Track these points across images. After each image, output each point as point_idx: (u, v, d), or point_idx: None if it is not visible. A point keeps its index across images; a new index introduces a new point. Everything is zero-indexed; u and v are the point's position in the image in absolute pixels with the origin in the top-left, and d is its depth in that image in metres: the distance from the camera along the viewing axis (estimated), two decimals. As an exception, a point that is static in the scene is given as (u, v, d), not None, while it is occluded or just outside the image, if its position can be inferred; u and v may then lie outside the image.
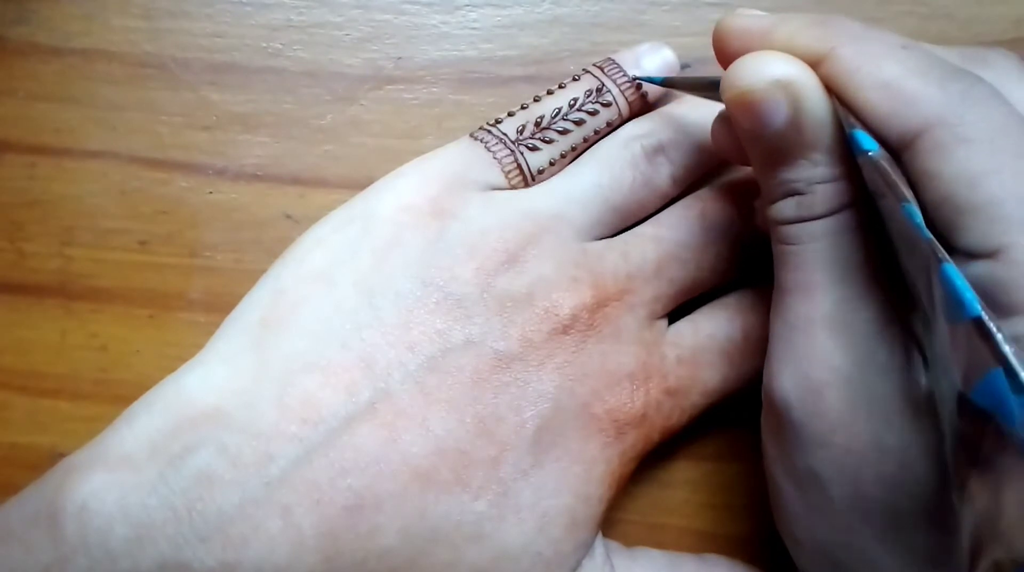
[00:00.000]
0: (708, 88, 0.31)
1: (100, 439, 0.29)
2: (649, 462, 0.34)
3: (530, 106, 0.34)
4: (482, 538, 0.29)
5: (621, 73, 0.34)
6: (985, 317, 0.20)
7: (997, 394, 0.19)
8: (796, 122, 0.26)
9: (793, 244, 0.28)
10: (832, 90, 0.26)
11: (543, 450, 0.30)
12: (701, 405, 0.33)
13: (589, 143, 0.34)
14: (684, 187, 0.34)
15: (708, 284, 0.34)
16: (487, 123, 0.34)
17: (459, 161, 0.32)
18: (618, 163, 0.33)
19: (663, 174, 0.33)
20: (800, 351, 0.28)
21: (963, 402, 0.21)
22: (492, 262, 0.30)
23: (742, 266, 0.34)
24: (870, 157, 0.24)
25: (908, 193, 0.24)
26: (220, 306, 0.35)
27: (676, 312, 0.34)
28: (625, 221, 0.33)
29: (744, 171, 0.35)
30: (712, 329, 0.33)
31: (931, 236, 0.22)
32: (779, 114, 0.26)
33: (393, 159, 0.33)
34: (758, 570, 0.33)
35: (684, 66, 0.36)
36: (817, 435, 0.28)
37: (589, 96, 0.34)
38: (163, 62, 0.36)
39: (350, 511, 0.27)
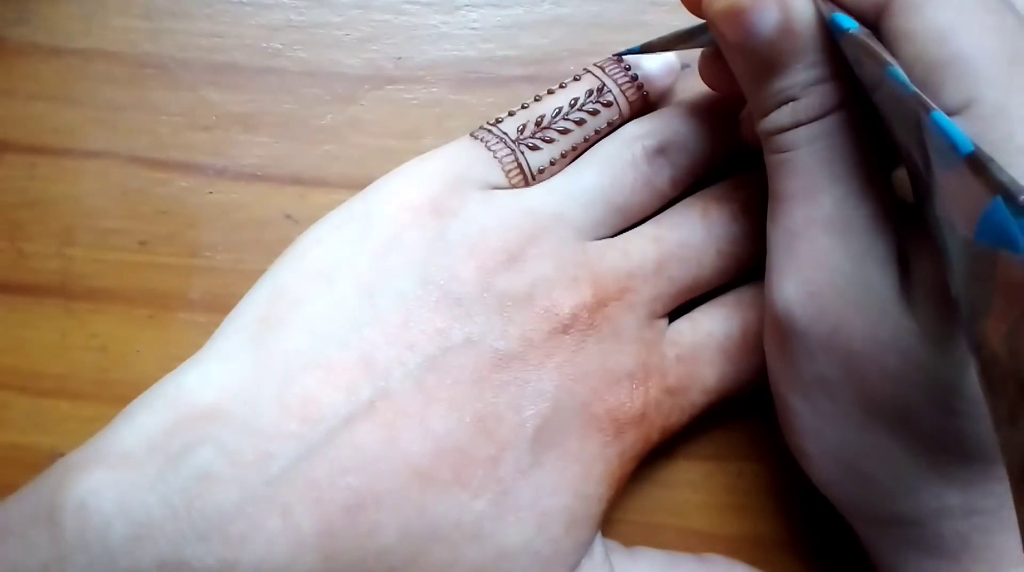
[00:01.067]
0: (685, 39, 0.32)
1: (99, 437, 0.29)
2: (649, 462, 0.34)
3: (531, 105, 0.34)
4: (481, 537, 0.29)
5: (622, 73, 0.34)
6: (977, 149, 0.20)
7: (999, 224, 0.19)
8: (786, 26, 0.26)
9: (790, 150, 0.28)
10: None
11: (542, 449, 0.30)
12: (701, 404, 0.33)
13: (590, 143, 0.34)
14: (685, 187, 0.34)
15: (709, 283, 0.34)
16: (487, 122, 0.34)
17: (459, 160, 0.32)
18: (619, 163, 0.33)
19: (664, 174, 0.33)
20: (801, 256, 0.28)
21: (972, 253, 0.21)
22: (492, 261, 0.30)
23: (743, 265, 0.34)
24: (851, 35, 0.25)
25: (890, 58, 0.24)
26: (220, 306, 0.35)
27: (676, 311, 0.34)
28: (626, 221, 0.33)
29: (745, 170, 0.35)
30: (711, 327, 0.33)
31: (916, 90, 0.22)
32: (769, 20, 0.26)
33: (393, 159, 0.33)
34: (758, 570, 0.33)
35: (684, 66, 0.36)
36: (820, 339, 0.28)
37: (590, 96, 0.34)
38: (163, 62, 0.36)
39: (350, 510, 0.27)
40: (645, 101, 0.35)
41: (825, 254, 0.28)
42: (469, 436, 0.29)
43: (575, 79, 0.34)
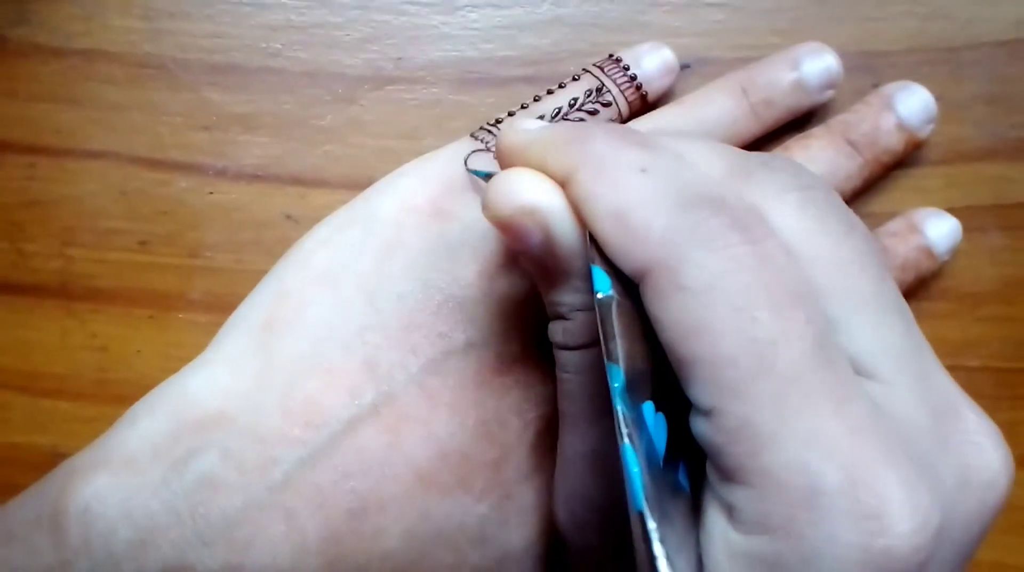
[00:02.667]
0: None
1: (102, 441, 0.29)
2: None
3: (530, 106, 0.34)
4: (485, 541, 0.29)
5: (621, 73, 0.34)
6: (647, 515, 0.19)
7: None
8: (549, 249, 0.24)
9: (563, 372, 0.26)
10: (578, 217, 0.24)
11: (546, 452, 0.30)
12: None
13: (589, 144, 0.34)
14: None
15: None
16: (487, 123, 0.34)
17: (460, 161, 0.32)
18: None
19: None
20: (569, 485, 0.27)
21: None
22: (494, 264, 0.30)
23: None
24: (599, 299, 0.22)
25: (620, 351, 0.21)
26: (220, 307, 0.35)
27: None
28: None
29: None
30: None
31: (622, 407, 0.20)
32: (533, 238, 0.24)
33: (393, 159, 0.33)
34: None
35: (684, 66, 0.36)
36: (588, 569, 0.27)
37: (589, 96, 0.34)
38: (163, 63, 0.36)
39: (353, 514, 0.27)
40: (644, 101, 0.35)
41: (588, 491, 0.26)
42: (472, 440, 0.29)
43: (574, 79, 0.34)
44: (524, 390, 0.30)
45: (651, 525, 0.19)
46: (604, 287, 0.22)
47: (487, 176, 0.31)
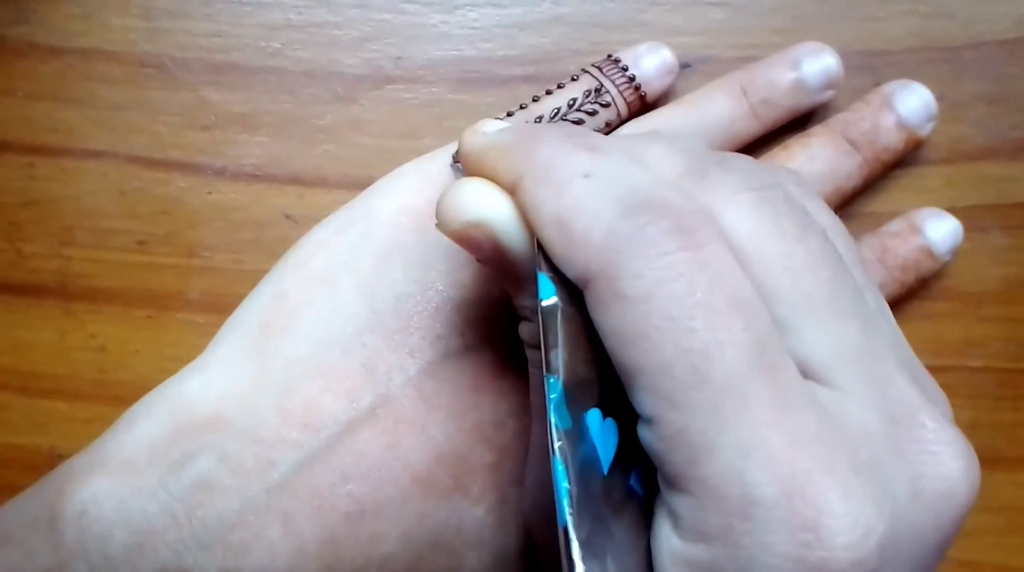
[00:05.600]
0: None
1: (99, 443, 0.29)
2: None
3: (529, 106, 0.34)
4: (481, 544, 0.29)
5: (620, 73, 0.34)
6: (571, 529, 0.19)
7: None
8: (501, 258, 0.24)
9: (532, 367, 0.26)
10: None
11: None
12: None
13: (588, 144, 0.34)
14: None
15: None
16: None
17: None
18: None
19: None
20: (534, 474, 0.27)
21: None
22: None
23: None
24: (542, 307, 0.22)
25: (560, 362, 0.21)
26: (219, 307, 0.35)
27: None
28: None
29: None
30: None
31: (554, 419, 0.20)
32: (484, 250, 0.24)
33: (393, 159, 0.33)
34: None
35: (684, 66, 0.35)
36: (549, 562, 0.27)
37: (588, 96, 0.34)
38: (162, 62, 0.36)
39: (351, 517, 0.27)
40: (643, 101, 0.35)
41: (547, 476, 0.25)
42: (469, 443, 0.29)
43: (573, 80, 0.34)
44: (521, 394, 0.30)
45: (574, 542, 0.19)
46: (548, 294, 0.22)
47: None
